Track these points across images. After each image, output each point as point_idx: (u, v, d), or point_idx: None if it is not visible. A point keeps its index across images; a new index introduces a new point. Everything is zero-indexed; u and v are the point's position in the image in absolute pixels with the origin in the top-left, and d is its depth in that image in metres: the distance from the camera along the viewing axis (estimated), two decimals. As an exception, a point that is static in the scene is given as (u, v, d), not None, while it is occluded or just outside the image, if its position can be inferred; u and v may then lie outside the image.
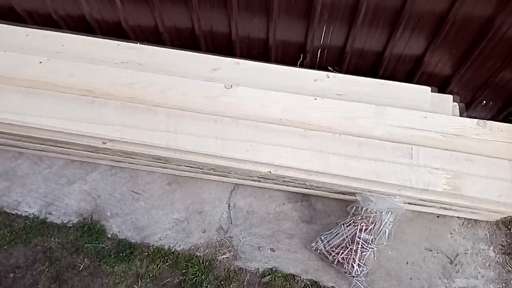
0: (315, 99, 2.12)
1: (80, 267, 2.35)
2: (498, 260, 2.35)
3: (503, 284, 2.29)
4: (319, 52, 2.30)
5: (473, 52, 2.09)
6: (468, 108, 2.50)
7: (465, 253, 2.36)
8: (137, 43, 2.36)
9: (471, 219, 2.41)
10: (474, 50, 2.08)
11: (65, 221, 2.44)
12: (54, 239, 2.39)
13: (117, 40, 2.34)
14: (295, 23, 2.14)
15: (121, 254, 2.36)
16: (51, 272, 2.34)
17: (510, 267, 2.32)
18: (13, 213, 2.45)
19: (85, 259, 2.36)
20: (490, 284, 2.29)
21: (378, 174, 2.01)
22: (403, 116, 2.08)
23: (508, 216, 2.34)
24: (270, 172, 2.13)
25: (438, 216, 2.42)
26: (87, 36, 2.38)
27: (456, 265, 2.33)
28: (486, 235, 2.40)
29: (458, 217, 2.41)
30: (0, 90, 2.14)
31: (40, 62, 2.18)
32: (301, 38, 2.23)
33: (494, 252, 2.36)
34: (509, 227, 2.42)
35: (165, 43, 2.42)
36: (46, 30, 2.38)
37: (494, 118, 2.52)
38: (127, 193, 2.50)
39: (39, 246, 2.39)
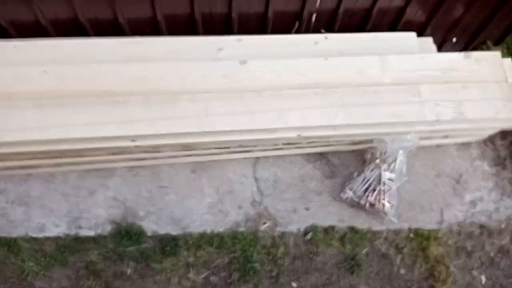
0: (326, 59, 2.29)
1: (128, 272, 2.32)
2: (493, 172, 2.73)
3: (501, 190, 2.69)
4: (314, 17, 2.45)
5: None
6: (441, 47, 2.82)
7: (466, 172, 2.71)
8: (135, 37, 2.33)
9: (464, 142, 2.76)
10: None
11: (99, 231, 2.36)
12: (93, 251, 2.32)
13: (114, 38, 2.29)
14: (294, -9, 2.27)
15: (166, 249, 2.36)
16: (99, 285, 2.28)
17: (503, 175, 2.72)
18: (41, 236, 2.32)
19: (131, 263, 2.33)
20: (491, 193, 2.68)
21: (396, 115, 2.23)
22: (404, 61, 2.32)
23: (492, 134, 2.71)
24: (300, 135, 2.26)
25: (438, 146, 2.74)
26: (81, 39, 2.28)
27: (462, 184, 2.68)
28: (479, 153, 2.77)
29: (454, 143, 2.75)
30: (8, 108, 2.00)
31: (45, 71, 2.07)
32: (298, 5, 2.35)
33: (489, 166, 2.74)
34: (493, 143, 2.80)
35: (162, 33, 2.40)
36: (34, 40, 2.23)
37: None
38: (154, 189, 2.48)
39: (79, 262, 2.31)
